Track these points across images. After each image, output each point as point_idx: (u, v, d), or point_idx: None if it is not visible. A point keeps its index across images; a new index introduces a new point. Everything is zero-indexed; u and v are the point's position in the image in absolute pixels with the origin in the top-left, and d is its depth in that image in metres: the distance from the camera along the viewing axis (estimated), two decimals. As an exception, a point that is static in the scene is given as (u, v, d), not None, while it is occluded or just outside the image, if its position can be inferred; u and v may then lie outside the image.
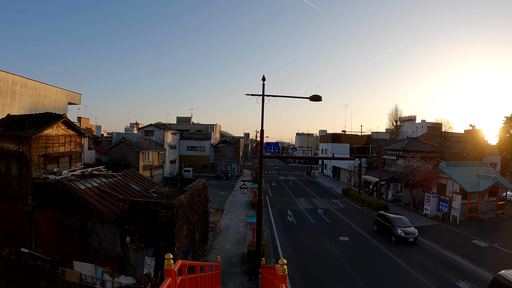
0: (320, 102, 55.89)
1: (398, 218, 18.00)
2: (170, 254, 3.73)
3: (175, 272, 3.79)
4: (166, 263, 3.68)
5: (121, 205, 10.37)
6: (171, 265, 3.67)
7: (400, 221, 17.77)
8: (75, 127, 16.21)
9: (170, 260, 3.68)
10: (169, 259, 3.67)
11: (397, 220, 17.79)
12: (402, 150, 31.95)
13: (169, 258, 3.67)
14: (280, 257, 14.11)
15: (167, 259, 3.68)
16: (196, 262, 5.61)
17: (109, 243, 11.21)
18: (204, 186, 15.05)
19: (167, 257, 3.69)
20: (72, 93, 26.60)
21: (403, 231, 16.86)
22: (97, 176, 13.61)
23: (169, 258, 3.67)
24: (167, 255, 3.71)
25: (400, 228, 17.10)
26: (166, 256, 3.70)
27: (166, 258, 3.70)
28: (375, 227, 19.27)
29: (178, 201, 10.13)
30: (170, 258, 3.68)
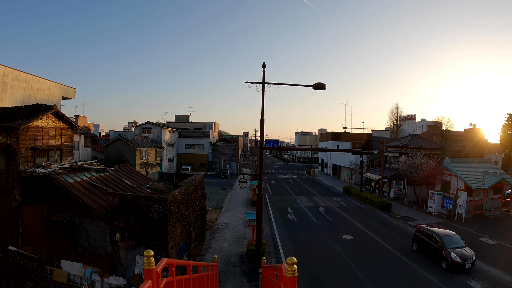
0: (320, 101, 54.43)
1: (448, 236, 13.76)
2: (150, 251, 3.00)
3: (157, 273, 3.06)
4: (145, 262, 2.96)
5: (111, 199, 9.63)
6: (152, 264, 2.95)
7: (450, 239, 13.53)
8: (66, 119, 15.46)
9: (151, 258, 2.96)
10: (149, 257, 2.94)
11: (447, 239, 13.47)
12: (404, 147, 31.26)
13: (149, 256, 2.95)
14: (281, 257, 13.39)
15: (147, 256, 2.95)
16: (188, 262, 4.84)
17: (98, 241, 10.47)
18: (201, 182, 14.32)
19: (147, 254, 2.96)
20: (66, 87, 25.75)
21: (457, 254, 12.51)
22: (88, 170, 12.86)
23: (149, 256, 2.95)
24: (146, 252, 2.98)
25: (453, 250, 12.74)
26: (146, 253, 2.98)
27: (146, 256, 2.97)
28: (414, 246, 14.87)
29: (172, 196, 9.39)
30: (151, 255, 2.96)
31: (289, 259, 2.90)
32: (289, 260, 2.91)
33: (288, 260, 2.90)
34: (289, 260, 2.90)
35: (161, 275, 3.39)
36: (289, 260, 2.90)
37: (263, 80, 10.60)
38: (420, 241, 14.64)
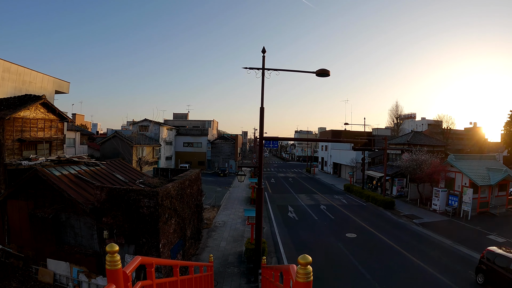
0: (319, 100, 53.67)
1: None
2: (114, 245, 2.26)
3: (126, 275, 2.32)
4: (108, 260, 2.21)
5: (98, 193, 8.87)
6: (117, 263, 2.21)
7: None
8: (56, 110, 14.70)
9: (115, 255, 2.22)
10: (113, 253, 2.20)
11: None
12: (407, 144, 30.58)
13: (112, 251, 2.20)
14: (282, 256, 12.65)
15: (110, 252, 2.21)
16: (174, 261, 4.07)
17: (85, 238, 9.72)
18: (197, 177, 13.57)
19: (110, 248, 2.22)
20: (60, 81, 24.86)
21: None
22: (77, 163, 12.09)
23: (113, 251, 2.20)
24: (109, 246, 2.24)
25: None
26: (108, 248, 2.23)
27: (109, 251, 2.22)
28: (479, 278, 10.63)
29: (164, 190, 8.64)
30: (114, 250, 2.21)
31: (302, 258, 2.14)
32: (301, 259, 2.14)
33: (300, 259, 2.13)
34: (302, 259, 2.13)
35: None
36: (302, 259, 2.13)
37: (263, 66, 9.86)
38: (491, 272, 10.09)
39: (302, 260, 2.12)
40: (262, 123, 9.34)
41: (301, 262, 2.12)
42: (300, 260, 2.13)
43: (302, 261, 2.11)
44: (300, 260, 2.13)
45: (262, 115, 9.39)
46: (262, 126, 9.33)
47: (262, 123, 9.33)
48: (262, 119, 9.37)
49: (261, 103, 9.52)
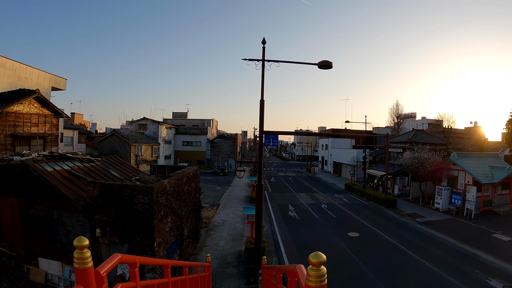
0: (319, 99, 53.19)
1: None
2: (83, 238, 1.87)
3: (98, 275, 1.93)
4: (76, 257, 1.82)
5: (91, 189, 8.47)
6: (87, 260, 1.82)
7: None
8: (50, 105, 14.32)
9: (85, 252, 1.83)
10: (82, 248, 1.81)
11: None
12: (408, 142, 30.20)
13: (81, 246, 1.81)
14: (283, 256, 12.24)
15: (79, 247, 1.81)
16: (163, 261, 3.64)
17: (77, 236, 9.30)
18: (195, 174, 13.17)
19: (78, 243, 1.82)
20: (57, 77, 24.41)
21: None
22: (70, 159, 11.69)
23: (82, 246, 1.81)
24: (77, 240, 1.85)
25: None
26: (76, 242, 1.84)
27: (77, 246, 1.83)
28: None
29: (160, 186, 8.23)
30: (83, 245, 1.82)
31: (314, 256, 1.72)
32: (314, 257, 1.71)
33: (312, 258, 1.72)
34: (315, 257, 1.71)
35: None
36: (315, 257, 1.71)
37: (263, 57, 9.47)
38: None
39: (314, 259, 1.69)
40: (262, 116, 8.93)
41: (313, 262, 1.69)
42: (312, 259, 1.71)
43: (315, 260, 1.69)
44: (312, 259, 1.71)
45: (262, 108, 8.99)
46: (262, 119, 8.92)
47: (262, 117, 8.93)
48: (262, 113, 8.97)
49: (261, 96, 9.13)
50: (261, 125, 8.89)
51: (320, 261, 1.67)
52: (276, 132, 8.85)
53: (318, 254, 1.68)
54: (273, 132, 8.81)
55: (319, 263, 1.67)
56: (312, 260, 1.68)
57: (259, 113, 8.96)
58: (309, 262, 1.70)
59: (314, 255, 1.69)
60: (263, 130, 8.84)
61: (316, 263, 1.67)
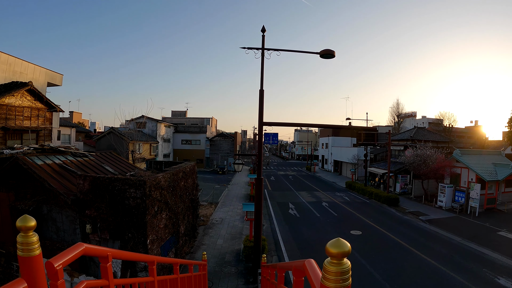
0: (319, 98, 52.48)
1: None
2: (29, 217, 1.41)
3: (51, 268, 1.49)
4: (20, 241, 1.38)
5: (81, 183, 8.02)
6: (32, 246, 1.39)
7: None
8: (43, 98, 13.87)
9: (30, 234, 1.39)
10: (27, 230, 1.37)
11: None
12: (410, 140, 29.79)
13: (26, 228, 1.37)
14: (284, 255, 11.78)
15: (23, 229, 1.37)
16: (146, 256, 3.15)
17: (67, 233, 8.86)
18: (193, 170, 12.72)
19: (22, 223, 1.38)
20: (53, 73, 23.88)
21: None
22: (63, 153, 11.22)
23: (27, 227, 1.37)
24: (21, 220, 1.39)
25: None
26: (20, 223, 1.39)
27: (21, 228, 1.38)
28: None
29: (153, 179, 7.77)
30: (29, 227, 1.39)
31: (335, 245, 1.20)
32: (334, 246, 1.20)
33: (332, 247, 1.20)
34: (335, 246, 1.20)
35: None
36: (335, 246, 1.20)
37: (262, 46, 9.02)
38: None
39: (335, 248, 1.19)
40: (261, 107, 8.49)
41: (333, 252, 1.19)
42: (331, 249, 1.20)
43: (336, 249, 1.19)
44: (332, 248, 1.20)
45: (262, 99, 8.54)
46: (261, 110, 8.48)
47: (261, 107, 8.48)
48: (262, 103, 8.53)
49: (260, 86, 8.68)
50: (261, 116, 8.44)
51: (343, 251, 1.18)
52: (276, 123, 8.41)
53: (340, 242, 1.20)
54: (272, 123, 8.36)
55: (342, 254, 1.18)
56: (331, 250, 1.18)
57: (259, 103, 8.51)
58: (327, 253, 1.21)
59: (334, 243, 1.20)
60: (262, 121, 8.40)
61: (338, 254, 1.18)
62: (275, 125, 8.34)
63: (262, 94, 8.54)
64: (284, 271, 3.01)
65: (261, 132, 8.47)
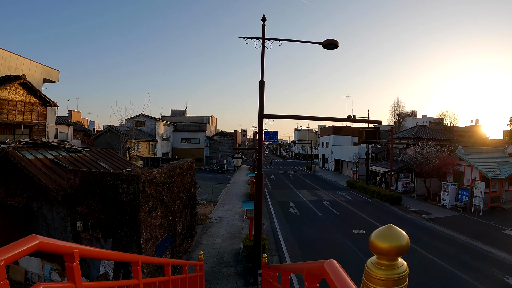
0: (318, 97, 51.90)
1: None
2: None
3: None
4: None
5: (72, 178, 7.60)
6: None
7: None
8: (37, 92, 13.44)
9: None
10: None
11: None
12: (412, 138, 29.39)
13: None
14: (285, 254, 11.35)
15: None
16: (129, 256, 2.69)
17: (58, 231, 8.44)
18: (190, 167, 12.30)
19: None
20: (49, 69, 23.45)
21: None
22: (56, 148, 10.79)
23: None
24: None
25: None
26: None
27: None
28: None
29: (147, 174, 7.35)
30: None
31: (385, 236, 0.83)
32: (384, 238, 0.83)
33: (381, 240, 0.83)
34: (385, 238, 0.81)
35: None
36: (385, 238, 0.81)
37: (263, 36, 8.60)
38: None
39: (386, 242, 0.80)
40: (262, 99, 8.07)
41: (383, 248, 0.79)
42: (380, 242, 0.81)
43: (387, 243, 0.79)
44: (382, 241, 0.81)
45: (262, 90, 8.12)
46: (262, 102, 8.05)
47: (262, 99, 8.06)
48: (262, 95, 8.11)
49: (261, 77, 8.27)
50: (261, 108, 8.02)
51: (400, 246, 0.76)
52: (277, 115, 7.98)
53: (394, 231, 0.80)
54: (273, 115, 7.94)
55: (397, 250, 0.75)
56: (381, 244, 0.76)
57: (259, 95, 8.09)
58: (373, 249, 0.79)
59: (385, 232, 0.80)
60: (263, 113, 7.98)
61: (391, 250, 0.75)
62: (276, 118, 7.93)
63: (263, 86, 8.12)
64: (289, 273, 2.59)
65: (261, 125, 8.05)
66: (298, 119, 9.34)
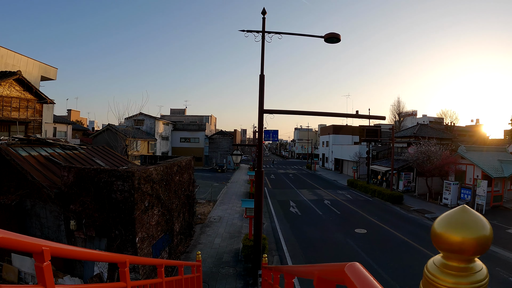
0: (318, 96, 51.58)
1: None
2: None
3: None
4: None
5: (65, 175, 7.34)
6: None
7: None
8: (33, 88, 13.17)
9: None
10: None
11: None
12: (413, 136, 29.15)
13: None
14: (285, 254, 11.08)
15: None
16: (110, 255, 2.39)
17: (52, 230, 8.18)
18: (189, 165, 12.04)
19: None
20: (46, 66, 23.15)
21: None
22: (51, 145, 10.53)
23: None
24: None
25: None
26: None
27: None
28: None
29: (143, 171, 7.09)
30: None
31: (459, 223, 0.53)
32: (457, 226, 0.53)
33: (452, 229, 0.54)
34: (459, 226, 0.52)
35: None
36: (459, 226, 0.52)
37: (263, 29, 8.34)
38: None
39: (459, 231, 0.52)
40: (262, 93, 7.79)
41: (455, 241, 0.53)
42: (449, 235, 0.55)
43: (460, 235, 0.52)
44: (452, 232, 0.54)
45: (262, 84, 7.85)
46: (262, 96, 7.78)
47: (262, 93, 7.79)
48: (262, 89, 7.84)
49: (261, 71, 8.00)
50: (261, 103, 7.75)
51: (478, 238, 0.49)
52: (277, 111, 7.71)
53: (471, 215, 0.52)
54: (274, 111, 7.67)
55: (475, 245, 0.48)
56: (451, 237, 0.49)
57: (259, 89, 7.82)
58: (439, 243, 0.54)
59: (456, 217, 0.52)
60: (263, 108, 7.71)
61: (467, 246, 0.48)
62: (277, 113, 7.66)
63: (263, 80, 7.85)
64: (293, 277, 2.32)
65: (262, 120, 7.78)
66: (300, 115, 9.07)
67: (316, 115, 8.01)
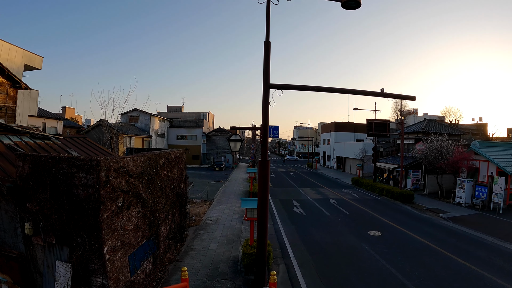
0: (319, 96, 49.86)
1: None
2: None
3: None
4: None
5: (20, 165, 5.77)
6: None
7: None
8: (4, 70, 11.53)
9: None
10: None
11: None
12: (421, 132, 27.71)
13: None
14: (293, 263, 9.49)
15: None
16: None
17: (8, 233, 6.60)
18: (180, 158, 10.48)
19: None
20: (31, 54, 21.38)
21: None
22: (17, 133, 8.95)
23: None
24: None
25: None
26: None
27: None
28: None
29: (114, 161, 5.51)
30: None
31: None
32: None
33: None
34: None
35: None
36: None
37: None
38: None
39: None
40: (267, 63, 6.26)
41: None
42: None
43: None
44: None
45: (268, 53, 6.32)
46: (267, 68, 6.24)
47: (267, 64, 6.25)
48: (268, 59, 6.31)
49: (266, 37, 6.46)
50: (266, 76, 6.20)
51: None
52: (286, 85, 6.16)
53: None
54: (282, 85, 6.11)
55: None
56: None
57: (264, 59, 6.28)
58: None
59: None
60: (268, 83, 6.17)
61: None
62: (285, 88, 6.12)
63: (268, 47, 6.32)
64: None
65: (267, 98, 6.22)
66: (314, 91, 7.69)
67: (333, 92, 6.47)
